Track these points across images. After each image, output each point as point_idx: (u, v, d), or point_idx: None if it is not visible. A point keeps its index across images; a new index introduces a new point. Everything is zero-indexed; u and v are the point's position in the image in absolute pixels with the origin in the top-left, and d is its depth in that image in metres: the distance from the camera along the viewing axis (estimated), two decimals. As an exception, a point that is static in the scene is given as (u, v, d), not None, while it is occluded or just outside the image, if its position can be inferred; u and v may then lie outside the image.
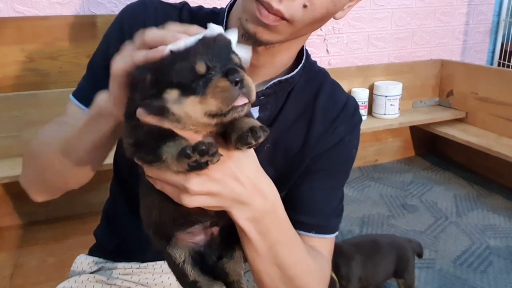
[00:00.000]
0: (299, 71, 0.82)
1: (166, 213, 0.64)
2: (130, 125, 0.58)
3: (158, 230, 0.67)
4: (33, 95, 1.95)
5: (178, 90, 0.53)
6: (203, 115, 0.52)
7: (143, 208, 0.69)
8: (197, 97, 0.52)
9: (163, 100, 0.53)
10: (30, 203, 2.21)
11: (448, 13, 3.03)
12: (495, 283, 1.79)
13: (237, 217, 0.64)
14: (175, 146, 0.53)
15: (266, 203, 0.65)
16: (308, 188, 0.85)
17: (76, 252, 1.02)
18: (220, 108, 0.52)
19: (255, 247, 0.67)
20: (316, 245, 0.84)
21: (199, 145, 0.50)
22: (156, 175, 0.59)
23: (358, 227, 2.22)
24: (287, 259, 0.72)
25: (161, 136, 0.54)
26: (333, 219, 0.88)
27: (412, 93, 2.90)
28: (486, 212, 2.36)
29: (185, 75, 0.52)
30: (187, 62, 0.53)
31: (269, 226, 0.67)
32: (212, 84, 0.51)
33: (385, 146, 3.05)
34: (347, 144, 0.87)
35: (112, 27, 0.85)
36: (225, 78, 0.52)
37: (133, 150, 0.57)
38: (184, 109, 0.53)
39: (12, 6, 1.97)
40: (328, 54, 2.74)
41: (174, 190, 0.59)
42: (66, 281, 0.92)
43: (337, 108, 0.86)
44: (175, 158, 0.52)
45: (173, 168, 0.53)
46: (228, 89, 0.51)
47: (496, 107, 2.64)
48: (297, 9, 0.66)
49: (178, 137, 0.54)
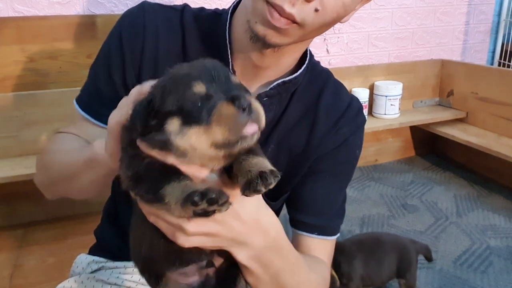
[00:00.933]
0: (302, 72, 0.82)
1: (158, 249, 0.58)
2: (129, 155, 0.52)
3: (147, 267, 0.61)
4: (33, 95, 1.95)
5: (179, 119, 0.47)
6: (209, 146, 0.47)
7: (132, 238, 0.62)
8: (200, 127, 0.46)
9: (164, 133, 0.48)
10: (30, 203, 2.21)
11: (448, 13, 3.03)
12: (495, 283, 1.79)
13: (237, 255, 0.62)
14: (180, 189, 0.47)
15: (267, 239, 0.63)
16: (311, 188, 0.85)
17: (76, 252, 1.02)
18: (228, 138, 0.46)
19: (258, 278, 0.66)
20: (317, 247, 0.85)
21: (208, 193, 0.45)
22: (152, 212, 0.55)
23: (358, 227, 2.22)
24: (291, 282, 0.71)
25: (164, 172, 0.49)
26: (336, 220, 0.88)
27: (412, 93, 2.90)
28: (486, 212, 2.36)
29: (184, 100, 0.47)
30: (184, 85, 0.48)
31: (272, 259, 0.66)
32: (217, 111, 0.46)
33: (385, 146, 3.05)
34: (351, 145, 0.87)
35: (111, 38, 0.84)
36: (231, 103, 0.46)
37: (131, 184, 0.52)
38: (188, 140, 0.47)
39: (12, 6, 1.97)
40: (328, 54, 2.74)
41: (169, 227, 0.55)
42: (66, 281, 0.92)
43: (340, 109, 0.86)
44: (180, 202, 0.46)
45: (175, 213, 0.48)
46: (235, 116, 0.46)
47: (496, 107, 2.63)
48: (308, 13, 0.66)
49: (184, 177, 0.49)
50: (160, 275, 0.59)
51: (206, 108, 0.46)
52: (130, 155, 0.52)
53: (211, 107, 0.46)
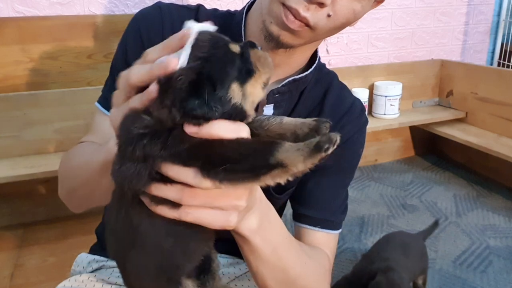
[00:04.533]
0: (312, 71, 0.86)
1: (190, 249, 0.57)
2: (193, 148, 0.48)
3: (172, 275, 0.58)
4: (33, 95, 1.95)
5: (237, 83, 0.48)
6: (262, 90, 0.51)
7: (144, 256, 0.56)
8: (251, 77, 0.50)
9: (227, 104, 0.47)
10: (31, 202, 2.21)
11: (448, 13, 3.03)
12: (495, 283, 1.79)
13: (242, 229, 0.62)
14: (290, 148, 0.48)
15: (261, 206, 0.64)
16: (315, 184, 0.87)
17: (76, 252, 1.02)
18: (269, 74, 0.51)
19: (260, 254, 0.67)
20: (320, 241, 0.86)
21: (332, 136, 0.48)
22: (204, 202, 0.52)
23: (358, 227, 2.22)
24: (288, 260, 0.72)
25: (257, 145, 0.49)
26: (339, 215, 0.90)
27: (412, 93, 2.90)
28: (486, 212, 2.36)
29: (232, 63, 0.49)
30: (224, 51, 0.49)
31: (268, 230, 0.67)
32: (254, 58, 0.50)
33: (385, 146, 3.06)
34: (355, 143, 0.90)
35: (128, 36, 0.85)
36: (255, 48, 0.51)
37: (217, 171, 0.48)
38: (250, 97, 0.50)
39: (12, 6, 1.97)
40: (328, 54, 2.75)
41: (218, 214, 0.53)
42: (67, 280, 0.92)
43: (343, 107, 0.89)
44: (307, 156, 0.47)
45: (300, 168, 0.49)
46: (265, 56, 0.51)
47: (496, 107, 2.64)
48: (321, 18, 0.71)
49: (276, 142, 0.49)
50: (177, 279, 0.59)
51: (243, 63, 0.50)
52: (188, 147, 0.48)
53: (246, 59, 0.50)
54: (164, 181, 0.50)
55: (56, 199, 0.89)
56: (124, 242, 0.57)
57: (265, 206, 0.66)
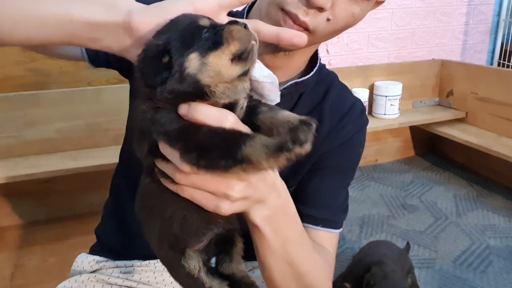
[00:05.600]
0: (314, 74, 0.85)
1: (190, 224, 0.59)
2: (179, 131, 0.50)
3: (174, 244, 0.61)
4: (33, 95, 1.95)
5: (196, 53, 0.49)
6: (230, 63, 0.49)
7: (154, 223, 0.61)
8: (217, 49, 0.49)
9: (186, 77, 0.48)
10: (31, 203, 2.21)
11: (448, 13, 3.03)
12: (495, 283, 1.80)
13: (254, 217, 0.63)
14: (261, 144, 0.48)
15: (279, 200, 0.65)
16: (317, 183, 0.88)
17: (76, 252, 1.02)
18: (242, 48, 0.49)
19: (269, 244, 0.67)
20: (322, 239, 0.87)
21: (301, 137, 0.48)
22: (194, 184, 0.54)
23: (358, 227, 2.22)
24: (297, 255, 0.72)
25: (229, 136, 0.49)
26: (340, 214, 0.90)
27: (412, 93, 2.90)
28: (486, 212, 2.37)
29: (195, 34, 0.49)
30: (189, 24, 0.50)
31: (281, 223, 0.67)
32: (226, 30, 0.50)
33: (385, 146, 3.06)
34: (355, 143, 0.90)
35: None
36: (234, 24, 0.50)
37: (193, 156, 0.50)
38: (211, 67, 0.49)
39: (12, 6, 1.97)
40: (328, 54, 2.75)
41: (210, 198, 0.55)
42: (67, 281, 0.92)
43: (344, 108, 0.89)
44: (271, 155, 0.48)
45: (265, 167, 0.49)
46: (241, 30, 0.50)
47: (496, 107, 2.64)
48: (320, 22, 0.70)
49: (253, 135, 0.50)
50: (183, 248, 0.61)
51: (216, 33, 0.50)
52: (180, 130, 0.50)
53: (220, 30, 0.50)
54: (163, 157, 0.53)
55: (56, 199, 0.89)
56: (142, 203, 0.63)
57: (284, 199, 0.66)
